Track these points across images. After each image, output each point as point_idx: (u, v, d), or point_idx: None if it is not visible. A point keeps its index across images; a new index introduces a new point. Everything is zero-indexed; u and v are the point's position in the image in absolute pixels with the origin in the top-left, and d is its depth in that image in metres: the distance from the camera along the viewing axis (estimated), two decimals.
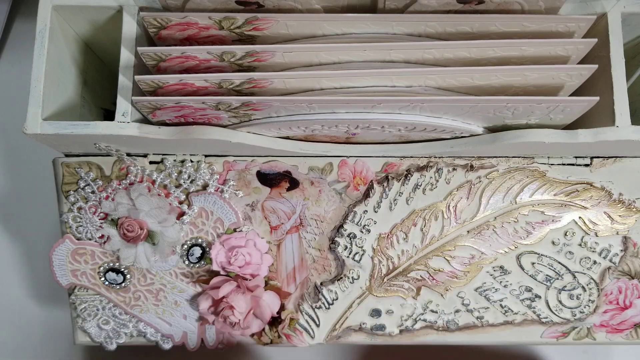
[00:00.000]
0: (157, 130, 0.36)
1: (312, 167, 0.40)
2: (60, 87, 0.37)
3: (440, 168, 0.40)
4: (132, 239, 0.39)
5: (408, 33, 0.34)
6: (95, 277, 0.40)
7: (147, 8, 0.35)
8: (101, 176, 0.40)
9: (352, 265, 0.41)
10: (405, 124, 0.35)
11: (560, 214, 0.40)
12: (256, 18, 0.33)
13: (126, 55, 0.35)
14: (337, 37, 0.34)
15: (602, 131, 0.35)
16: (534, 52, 0.33)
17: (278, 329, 0.41)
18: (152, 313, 0.41)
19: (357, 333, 0.41)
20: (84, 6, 0.36)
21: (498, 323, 0.41)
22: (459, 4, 0.33)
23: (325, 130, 0.37)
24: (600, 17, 0.35)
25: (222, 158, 0.40)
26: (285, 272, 0.41)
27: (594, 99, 0.33)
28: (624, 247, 0.40)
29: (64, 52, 0.38)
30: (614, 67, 0.35)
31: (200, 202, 0.40)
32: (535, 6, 0.33)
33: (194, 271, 0.40)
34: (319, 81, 0.33)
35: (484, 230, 0.40)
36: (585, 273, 0.40)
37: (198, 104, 0.33)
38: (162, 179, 0.40)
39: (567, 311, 0.40)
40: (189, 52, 0.33)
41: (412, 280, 0.40)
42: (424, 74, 0.33)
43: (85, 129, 0.35)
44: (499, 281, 0.40)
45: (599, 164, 0.40)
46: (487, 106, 0.34)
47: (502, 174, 0.40)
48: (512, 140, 0.36)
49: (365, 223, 0.40)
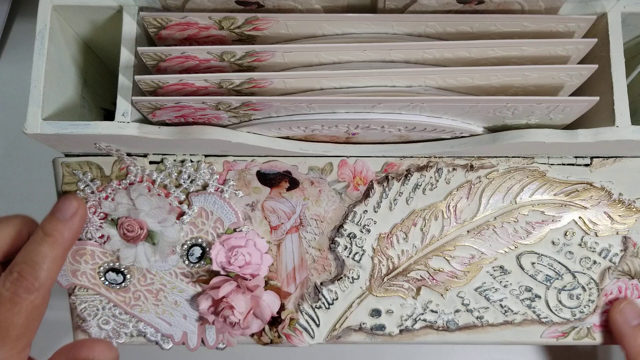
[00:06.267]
0: (157, 130, 0.36)
1: (312, 167, 0.40)
2: (60, 87, 0.37)
3: (440, 168, 0.40)
4: (132, 239, 0.39)
5: (408, 33, 0.34)
6: (95, 277, 0.40)
7: (147, 8, 0.35)
8: (101, 176, 0.40)
9: (352, 265, 0.41)
10: (405, 124, 0.35)
11: (560, 214, 0.40)
12: (256, 18, 0.33)
13: (126, 55, 0.35)
14: (337, 37, 0.34)
15: (602, 131, 0.35)
16: (534, 52, 0.33)
17: (278, 329, 0.41)
18: (152, 313, 0.41)
19: (357, 333, 0.41)
20: (84, 6, 0.36)
21: (498, 323, 0.41)
22: (459, 4, 0.33)
23: (325, 130, 0.37)
24: (600, 17, 0.35)
25: (222, 158, 0.40)
26: (285, 272, 0.41)
27: (594, 99, 0.33)
28: (624, 247, 0.40)
29: (64, 52, 0.38)
30: (614, 67, 0.35)
31: (200, 202, 0.40)
32: (535, 6, 0.33)
33: (194, 271, 0.40)
34: (319, 81, 0.33)
35: (484, 230, 0.40)
36: (585, 273, 0.40)
37: (198, 104, 0.33)
38: (162, 179, 0.40)
39: (567, 311, 0.40)
40: (189, 52, 0.33)
41: (412, 280, 0.41)
42: (424, 74, 0.33)
43: (85, 129, 0.35)
44: (499, 281, 0.40)
45: (599, 164, 0.40)
46: (487, 106, 0.34)
47: (502, 174, 0.40)
48: (512, 140, 0.36)
49: (365, 223, 0.40)
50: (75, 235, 0.36)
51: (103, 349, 0.34)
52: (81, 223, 0.36)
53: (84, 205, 0.37)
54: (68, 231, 0.35)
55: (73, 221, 0.36)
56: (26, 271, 0.33)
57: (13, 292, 0.32)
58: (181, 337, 0.41)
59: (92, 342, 0.35)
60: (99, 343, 0.34)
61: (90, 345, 0.34)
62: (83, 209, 0.37)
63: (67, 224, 0.35)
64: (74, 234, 0.35)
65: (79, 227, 0.36)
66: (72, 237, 0.35)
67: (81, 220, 0.36)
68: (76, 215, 0.36)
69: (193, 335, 0.41)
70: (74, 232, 0.35)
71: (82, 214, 0.37)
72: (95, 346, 0.34)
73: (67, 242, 0.35)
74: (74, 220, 0.36)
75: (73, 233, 0.35)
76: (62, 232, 0.35)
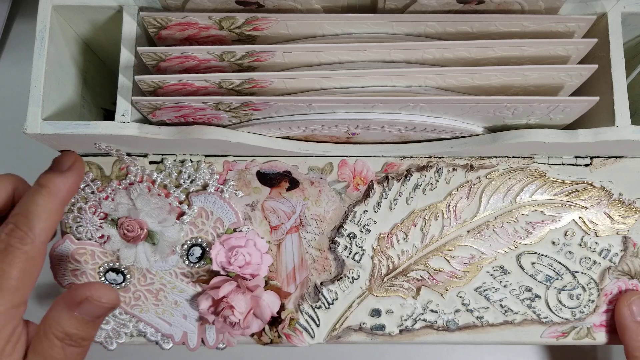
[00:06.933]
0: (157, 130, 0.36)
1: (312, 167, 0.40)
2: (60, 87, 0.37)
3: (440, 168, 0.40)
4: (132, 239, 0.39)
5: (408, 33, 0.34)
6: (95, 277, 0.40)
7: (147, 8, 0.35)
8: (101, 176, 0.40)
9: (352, 265, 0.41)
10: (405, 124, 0.35)
11: (560, 214, 0.40)
12: (256, 18, 0.33)
13: (126, 55, 0.35)
14: (337, 37, 0.34)
15: (602, 131, 0.35)
16: (534, 52, 0.33)
17: (278, 329, 0.41)
18: (152, 313, 0.41)
19: (357, 333, 0.41)
20: (84, 6, 0.36)
21: (498, 323, 0.41)
22: (459, 4, 0.33)
23: (325, 130, 0.37)
24: (600, 17, 0.35)
25: (222, 158, 0.40)
26: (285, 272, 0.41)
27: (594, 99, 0.33)
28: (624, 247, 0.40)
29: (64, 52, 0.38)
30: (614, 67, 0.35)
31: (200, 202, 0.40)
32: (535, 6, 0.33)
33: (194, 271, 0.40)
34: (319, 81, 0.33)
35: (484, 230, 0.40)
36: (585, 273, 0.40)
37: (198, 104, 0.33)
38: (162, 179, 0.40)
39: (567, 311, 0.40)
40: (189, 52, 0.33)
41: (412, 280, 0.41)
42: (424, 74, 0.33)
43: (85, 129, 0.35)
44: (498, 281, 0.40)
45: (599, 164, 0.40)
46: (487, 106, 0.34)
47: (502, 174, 0.40)
48: (512, 140, 0.36)
49: (365, 223, 0.40)
50: (70, 188, 0.35)
51: (101, 287, 0.33)
52: (77, 177, 0.36)
53: (81, 160, 0.38)
54: (64, 183, 0.35)
55: (69, 174, 0.36)
56: (21, 222, 0.33)
57: (7, 242, 0.32)
58: (181, 337, 0.41)
59: (90, 283, 0.34)
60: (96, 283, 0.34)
61: (88, 285, 0.33)
62: (80, 163, 0.37)
63: (63, 175, 0.35)
64: (69, 187, 0.35)
65: (75, 181, 0.36)
66: (67, 189, 0.35)
67: (77, 174, 0.36)
68: (72, 169, 0.36)
69: (193, 335, 0.41)
70: (69, 185, 0.35)
71: (79, 168, 0.37)
72: (93, 285, 0.33)
73: (62, 194, 0.35)
74: (70, 174, 0.36)
75: (69, 185, 0.35)
76: (57, 184, 0.34)
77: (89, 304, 0.33)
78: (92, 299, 0.33)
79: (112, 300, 0.33)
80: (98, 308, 0.33)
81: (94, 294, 0.33)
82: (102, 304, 0.33)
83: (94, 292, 0.33)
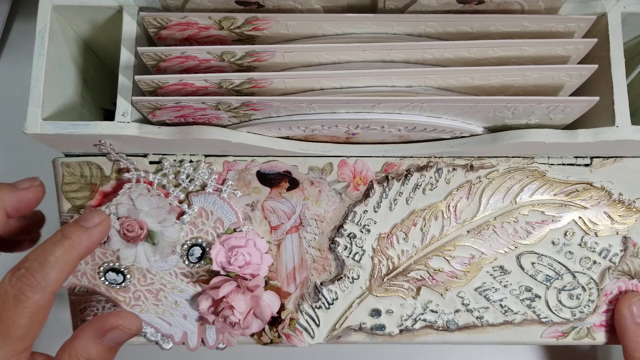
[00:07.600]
0: (157, 130, 0.36)
1: (312, 167, 0.40)
2: (60, 87, 0.37)
3: (440, 168, 0.40)
4: (132, 239, 0.39)
5: (408, 33, 0.34)
6: (95, 277, 0.40)
7: (147, 8, 0.35)
8: (101, 176, 0.40)
9: (352, 265, 0.41)
10: (405, 124, 0.35)
11: (560, 214, 0.40)
12: (256, 18, 0.33)
13: (126, 55, 0.35)
14: (337, 37, 0.34)
15: (602, 131, 0.35)
16: (534, 52, 0.33)
17: (278, 329, 0.41)
18: (152, 313, 0.41)
19: (357, 333, 0.41)
20: (84, 6, 0.36)
21: (498, 323, 0.41)
22: (459, 4, 0.33)
23: (325, 130, 0.37)
24: (600, 17, 0.35)
25: (222, 158, 0.40)
26: (285, 272, 0.41)
27: (594, 99, 0.33)
28: (624, 247, 0.40)
29: (64, 52, 0.38)
30: (614, 67, 0.35)
31: (200, 202, 0.40)
32: (535, 6, 0.33)
33: (194, 271, 0.40)
34: (319, 81, 0.33)
35: (484, 230, 0.40)
36: (585, 273, 0.40)
37: (198, 104, 0.33)
38: (161, 178, 0.40)
39: (567, 311, 0.40)
40: (189, 52, 0.33)
41: (412, 280, 0.41)
42: (424, 74, 0.33)
43: (85, 129, 0.35)
44: (498, 281, 0.40)
45: (599, 164, 0.40)
46: (487, 106, 0.34)
47: (502, 174, 0.40)
48: (512, 140, 0.36)
49: (365, 223, 0.40)
50: (92, 245, 0.35)
51: (130, 315, 0.34)
52: (101, 235, 0.36)
53: (109, 221, 0.37)
54: (87, 239, 0.35)
55: (94, 231, 0.35)
56: (35, 269, 0.32)
57: (18, 289, 0.32)
58: (181, 337, 0.41)
59: (118, 312, 0.35)
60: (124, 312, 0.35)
61: (117, 314, 0.34)
62: (107, 223, 0.37)
63: (88, 232, 0.35)
64: (91, 243, 0.35)
65: (98, 239, 0.36)
66: (89, 245, 0.35)
67: (102, 233, 0.36)
68: (99, 226, 0.36)
69: (193, 335, 0.41)
70: (92, 242, 0.35)
71: (105, 227, 0.36)
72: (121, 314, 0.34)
73: (83, 249, 0.34)
74: (96, 230, 0.35)
75: (91, 242, 0.35)
76: (81, 238, 0.34)
77: (118, 331, 0.34)
78: (123, 328, 0.34)
79: (139, 327, 0.35)
80: (125, 335, 0.34)
81: (125, 323, 0.34)
82: (131, 332, 0.34)
83: (125, 322, 0.34)
